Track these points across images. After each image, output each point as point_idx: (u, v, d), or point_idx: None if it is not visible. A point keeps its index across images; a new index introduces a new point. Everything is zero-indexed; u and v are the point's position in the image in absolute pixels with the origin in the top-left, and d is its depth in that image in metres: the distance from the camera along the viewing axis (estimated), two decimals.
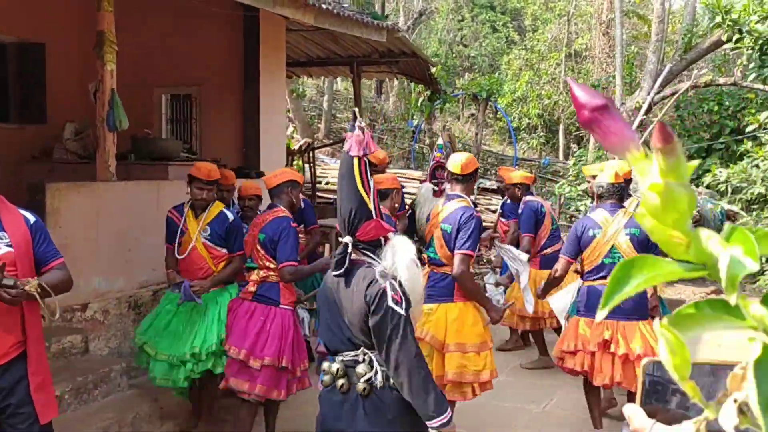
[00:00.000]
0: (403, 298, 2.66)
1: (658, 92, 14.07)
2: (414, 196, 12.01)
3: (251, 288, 4.55)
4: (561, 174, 18.55)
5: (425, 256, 4.55)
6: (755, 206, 10.55)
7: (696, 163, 0.69)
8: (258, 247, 4.53)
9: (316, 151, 14.35)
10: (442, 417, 2.64)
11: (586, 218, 4.94)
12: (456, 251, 4.26)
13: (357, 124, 2.88)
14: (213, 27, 7.68)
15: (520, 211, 6.80)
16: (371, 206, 2.83)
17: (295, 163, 12.65)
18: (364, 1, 18.25)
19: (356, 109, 3.11)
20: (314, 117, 20.35)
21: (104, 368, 5.10)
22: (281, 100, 8.94)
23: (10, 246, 3.14)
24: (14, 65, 8.35)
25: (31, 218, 3.32)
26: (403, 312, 2.64)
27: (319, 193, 11.95)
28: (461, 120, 24.46)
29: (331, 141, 16.79)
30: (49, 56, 8.25)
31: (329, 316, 2.82)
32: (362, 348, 2.72)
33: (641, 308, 4.65)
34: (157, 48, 8.35)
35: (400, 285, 2.69)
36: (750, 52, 6.84)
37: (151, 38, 8.27)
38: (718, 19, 5.95)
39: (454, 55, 25.74)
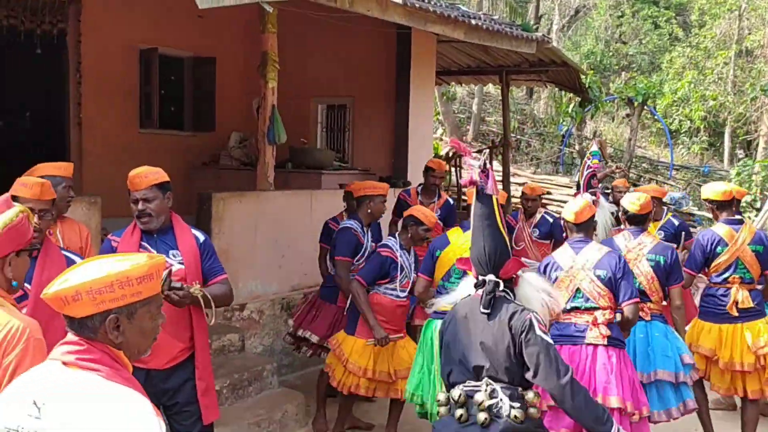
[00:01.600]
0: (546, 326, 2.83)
1: None
2: (559, 204, 11.85)
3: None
4: (729, 181, 17.53)
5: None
6: None
7: None
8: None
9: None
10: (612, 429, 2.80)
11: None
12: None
13: (485, 163, 3.05)
14: (368, 42, 8.04)
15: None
16: (509, 244, 3.01)
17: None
18: (517, 4, 18.12)
19: (486, 150, 3.28)
20: (464, 119, 20.47)
21: (257, 366, 5.55)
22: (429, 112, 9.19)
23: (182, 264, 3.55)
24: (189, 78, 9.16)
25: (201, 237, 3.70)
26: (550, 340, 2.81)
27: (464, 197, 12.09)
28: (615, 121, 23.64)
29: (478, 146, 16.84)
30: (218, 70, 8.98)
31: (455, 348, 2.98)
32: (486, 379, 2.86)
33: None
34: (316, 62, 8.85)
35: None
36: None
37: (311, 53, 8.78)
38: None
39: (611, 54, 24.86)
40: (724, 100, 20.92)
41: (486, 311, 2.89)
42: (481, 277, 2.98)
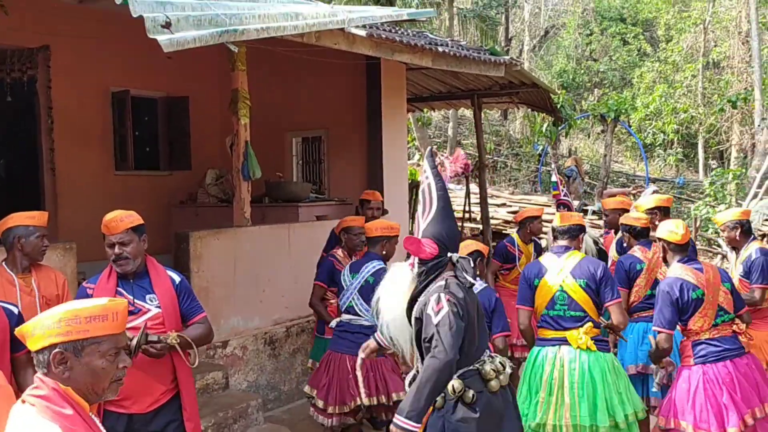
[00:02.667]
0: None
1: None
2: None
3: None
4: (701, 192, 17.74)
5: None
6: None
7: None
8: None
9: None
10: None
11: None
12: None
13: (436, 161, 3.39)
14: (339, 73, 8.12)
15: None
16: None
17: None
18: (487, 27, 18.40)
19: (433, 147, 3.64)
20: (440, 143, 20.65)
21: (242, 403, 5.53)
22: (402, 139, 9.28)
23: (159, 307, 3.57)
24: (163, 118, 9.21)
25: (177, 278, 3.73)
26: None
27: None
28: (591, 137, 23.93)
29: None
30: (192, 108, 9.04)
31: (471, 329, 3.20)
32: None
33: None
34: (289, 96, 8.93)
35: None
36: None
37: (284, 87, 8.87)
38: None
39: (583, 71, 25.26)
40: (694, 112, 21.28)
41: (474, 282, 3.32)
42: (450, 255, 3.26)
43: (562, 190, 7.69)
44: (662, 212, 6.04)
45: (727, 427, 3.95)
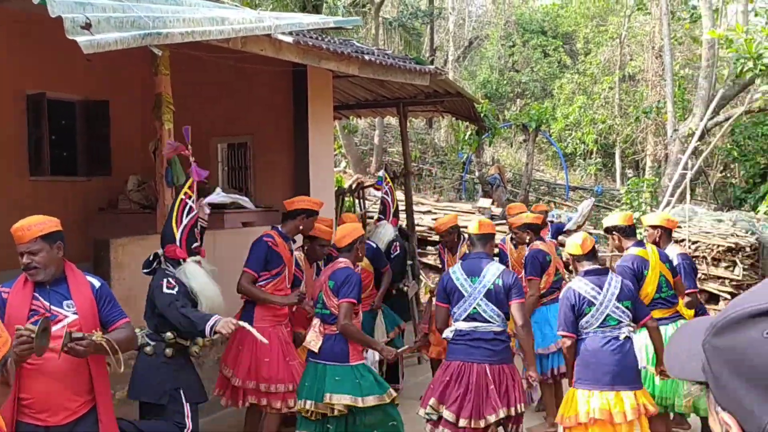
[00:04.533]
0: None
1: (711, 118, 13.95)
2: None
3: None
4: (618, 200, 18.40)
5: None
6: None
7: None
8: None
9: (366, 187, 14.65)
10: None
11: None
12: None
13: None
14: (265, 80, 8.07)
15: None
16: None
17: (347, 200, 12.98)
18: (412, 38, 18.63)
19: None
20: (366, 151, 20.75)
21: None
22: (329, 147, 9.29)
23: (76, 313, 3.47)
24: (81, 122, 8.93)
25: (96, 283, 3.63)
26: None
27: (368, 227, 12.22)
28: (513, 146, 24.50)
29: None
30: (113, 112, 8.81)
31: None
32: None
33: None
34: (215, 101, 8.81)
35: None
36: None
37: (209, 93, 8.74)
38: (750, 64, 5.96)
39: (505, 82, 25.87)
40: (612, 122, 22.08)
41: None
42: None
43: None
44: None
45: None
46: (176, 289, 4.38)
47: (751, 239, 10.65)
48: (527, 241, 6.61)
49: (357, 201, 13.12)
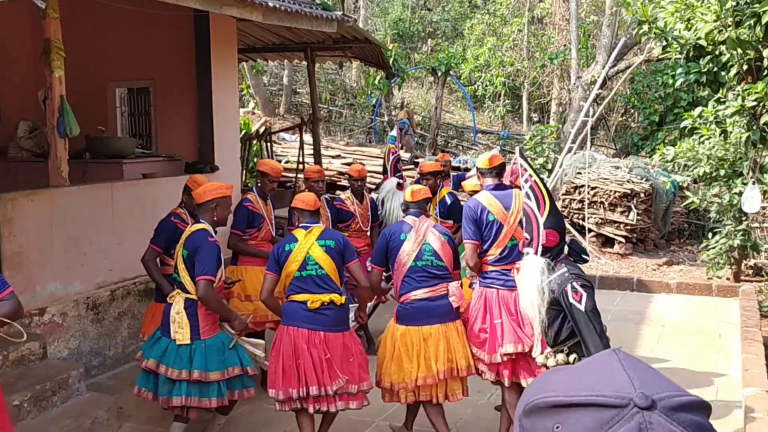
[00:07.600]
0: None
1: (613, 66, 14.35)
2: (374, 186, 12.26)
3: None
4: (524, 145, 18.80)
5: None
6: (702, 183, 10.85)
7: None
8: None
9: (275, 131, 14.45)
10: None
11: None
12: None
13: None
14: (166, 23, 7.71)
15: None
16: None
17: (254, 144, 12.78)
18: None
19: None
20: (275, 92, 20.33)
21: (62, 374, 5.30)
22: (234, 92, 9.04)
23: None
24: None
25: None
26: None
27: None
28: (424, 88, 24.51)
29: (291, 119, 16.88)
30: (2, 56, 8.26)
31: None
32: None
33: None
34: (112, 44, 8.39)
35: None
36: (679, 57, 7.00)
37: (105, 36, 8.31)
38: (645, 27, 6.13)
39: (417, 21, 25.66)
40: (520, 65, 22.33)
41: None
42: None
43: (392, 159, 7.87)
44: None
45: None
46: None
47: (645, 185, 11.16)
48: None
49: (265, 145, 12.95)
